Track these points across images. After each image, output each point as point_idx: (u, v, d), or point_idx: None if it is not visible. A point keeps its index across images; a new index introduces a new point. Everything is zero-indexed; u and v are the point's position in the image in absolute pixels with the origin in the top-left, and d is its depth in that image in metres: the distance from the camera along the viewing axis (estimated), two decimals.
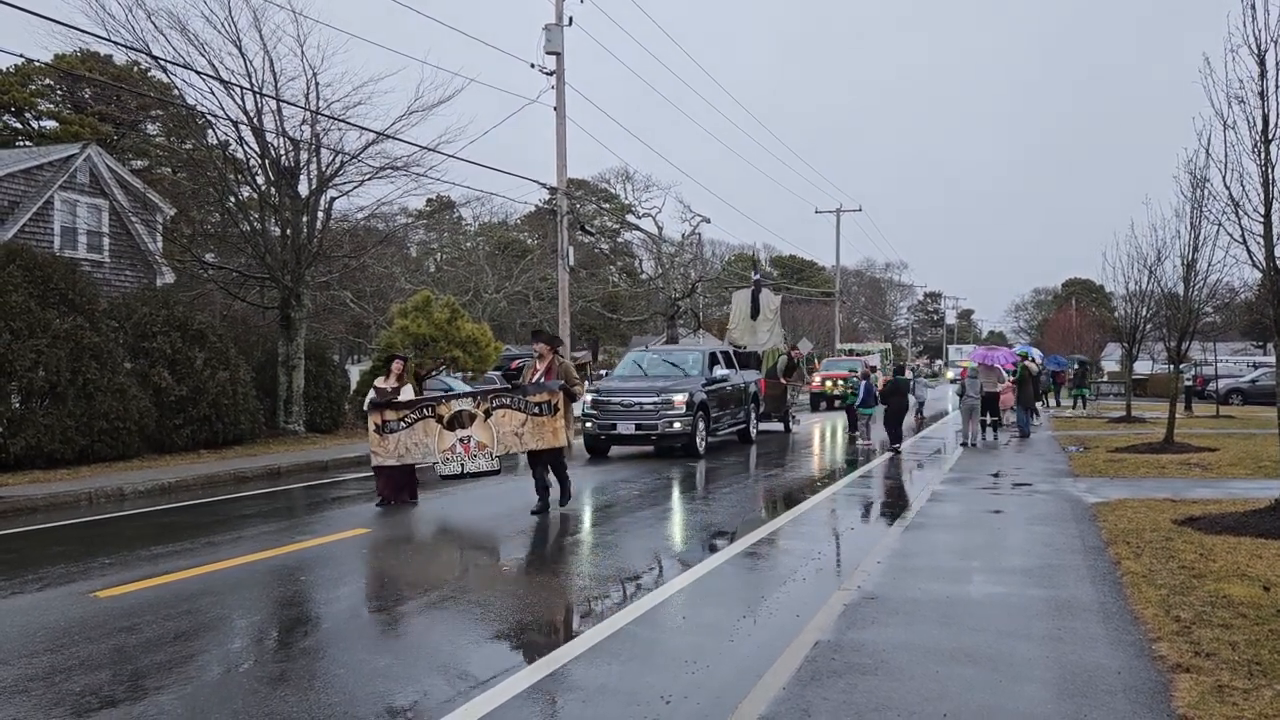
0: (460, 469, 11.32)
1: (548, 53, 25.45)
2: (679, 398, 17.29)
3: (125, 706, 4.92)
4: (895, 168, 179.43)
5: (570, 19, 25.52)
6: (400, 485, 11.92)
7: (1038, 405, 29.36)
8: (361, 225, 25.26)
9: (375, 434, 11.68)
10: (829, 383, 36.35)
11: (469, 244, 59.00)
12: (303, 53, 21.09)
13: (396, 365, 12.44)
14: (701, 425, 17.75)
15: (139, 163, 34.18)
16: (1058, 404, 36.73)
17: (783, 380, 24.60)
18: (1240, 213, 9.97)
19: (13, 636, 6.19)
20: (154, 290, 21.81)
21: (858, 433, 20.88)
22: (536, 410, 10.90)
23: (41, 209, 22.48)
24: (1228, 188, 10.07)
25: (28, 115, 39.18)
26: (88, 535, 10.27)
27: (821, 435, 23.86)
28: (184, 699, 5.04)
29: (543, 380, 11.12)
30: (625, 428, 17.45)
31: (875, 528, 10.30)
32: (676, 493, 13.09)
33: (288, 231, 21.25)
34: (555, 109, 25.89)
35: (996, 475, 14.44)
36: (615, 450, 18.52)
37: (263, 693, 5.08)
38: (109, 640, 6.09)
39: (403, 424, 11.54)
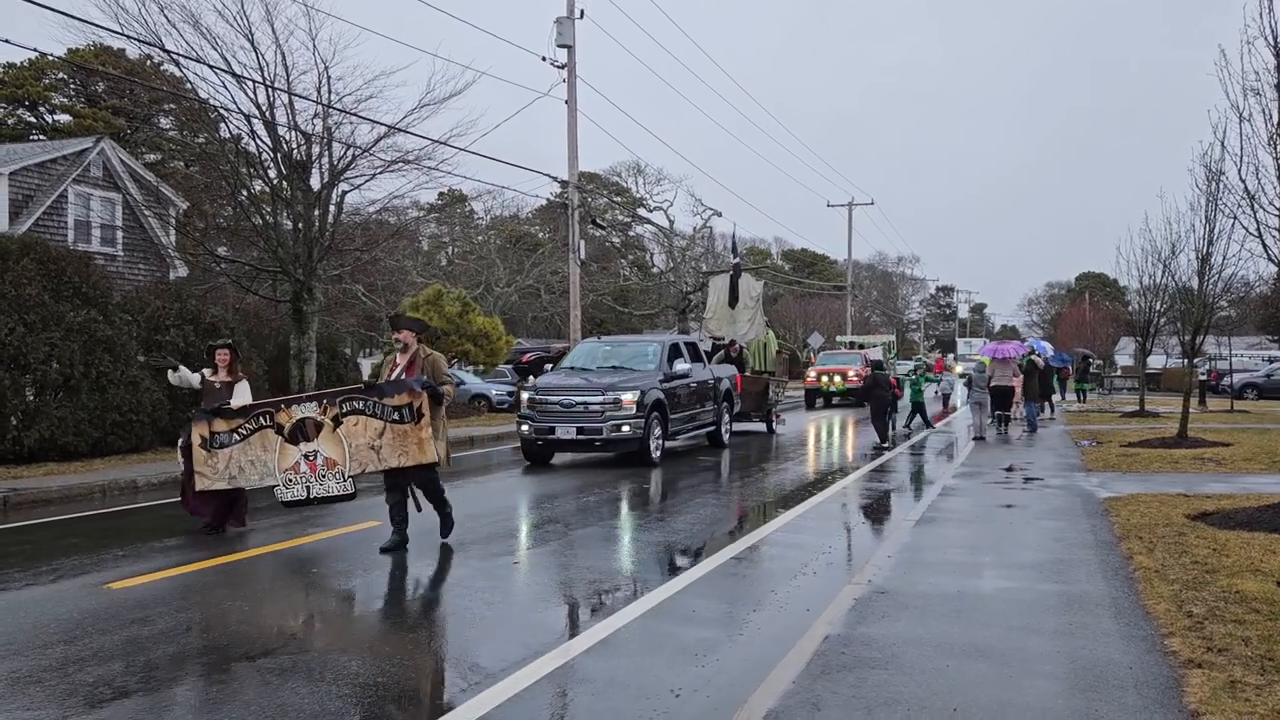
0: (306, 493, 9.03)
1: (559, 46, 25.41)
2: (628, 396, 15.15)
3: (138, 698, 4.95)
4: (907, 162, 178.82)
5: (581, 12, 25.48)
6: (224, 504, 9.66)
7: (1053, 399, 29.28)
8: (373, 219, 25.29)
9: (201, 450, 9.31)
10: (825, 378, 33.88)
11: (480, 237, 59.20)
12: (314, 46, 21.04)
13: (223, 355, 9.98)
14: (656, 428, 15.68)
15: (152, 156, 34.35)
16: (1062, 397, 36.57)
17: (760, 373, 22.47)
18: (1256, 206, 9.93)
19: (27, 628, 6.23)
20: (167, 284, 21.93)
21: (910, 428, 20.83)
22: (396, 416, 8.62)
23: (55, 203, 22.63)
24: (1243, 181, 10.04)
25: (42, 109, 39.39)
26: (101, 527, 10.33)
27: (816, 436, 22.31)
28: (196, 690, 5.07)
29: (403, 377, 8.81)
30: (565, 432, 15.26)
31: (885, 523, 10.28)
32: (625, 508, 11.29)
33: (299, 225, 21.31)
34: (566, 102, 25.85)
35: (1008, 470, 14.38)
36: (559, 457, 16.48)
37: (275, 684, 5.10)
38: (122, 632, 6.12)
39: (235, 436, 9.21)
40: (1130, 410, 27.43)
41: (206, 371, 9.98)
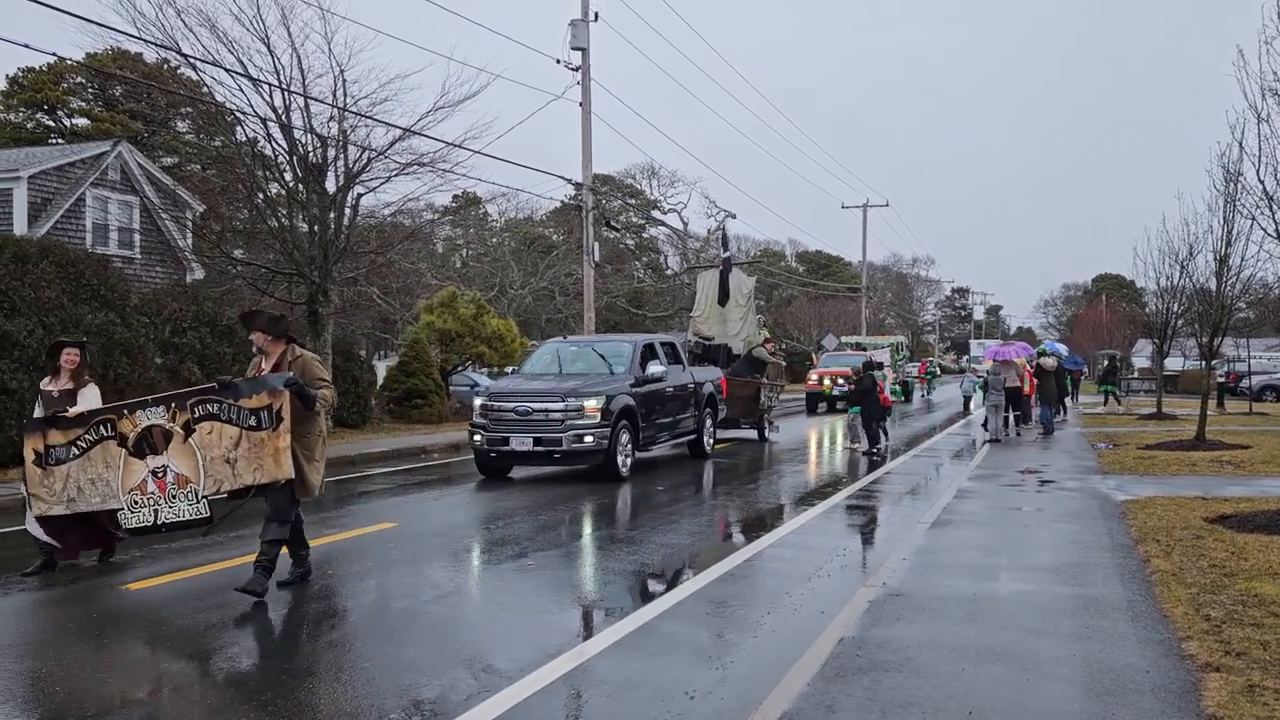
0: (154, 518, 7.47)
1: (573, 48, 25.42)
2: (591, 403, 13.60)
3: (155, 699, 4.98)
4: (912, 156, 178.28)
5: (596, 14, 25.49)
6: (83, 534, 8.13)
7: (1067, 401, 29.15)
8: (388, 221, 25.36)
9: (35, 468, 7.85)
10: (827, 381, 32.08)
11: (494, 240, 59.27)
12: (330, 49, 21.11)
13: (69, 356, 8.23)
14: (625, 438, 14.04)
15: (169, 160, 34.54)
16: (1074, 400, 36.27)
17: (757, 378, 20.97)
18: (1275, 207, 9.86)
19: (46, 629, 6.29)
20: (184, 286, 22.07)
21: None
22: (253, 421, 7.10)
23: (74, 206, 22.81)
24: (1261, 182, 9.98)
25: (60, 113, 39.74)
26: None
27: (817, 442, 21.27)
28: (213, 691, 5.09)
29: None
30: (520, 443, 13.66)
31: (899, 526, 10.24)
32: (630, 515, 10.86)
33: (315, 228, 21.40)
34: (581, 105, 25.88)
35: (1024, 472, 14.32)
36: (518, 471, 14.75)
37: (290, 685, 5.13)
38: (139, 632, 6.16)
39: (74, 450, 7.72)
40: (1147, 412, 27.24)
41: (47, 379, 8.36)
